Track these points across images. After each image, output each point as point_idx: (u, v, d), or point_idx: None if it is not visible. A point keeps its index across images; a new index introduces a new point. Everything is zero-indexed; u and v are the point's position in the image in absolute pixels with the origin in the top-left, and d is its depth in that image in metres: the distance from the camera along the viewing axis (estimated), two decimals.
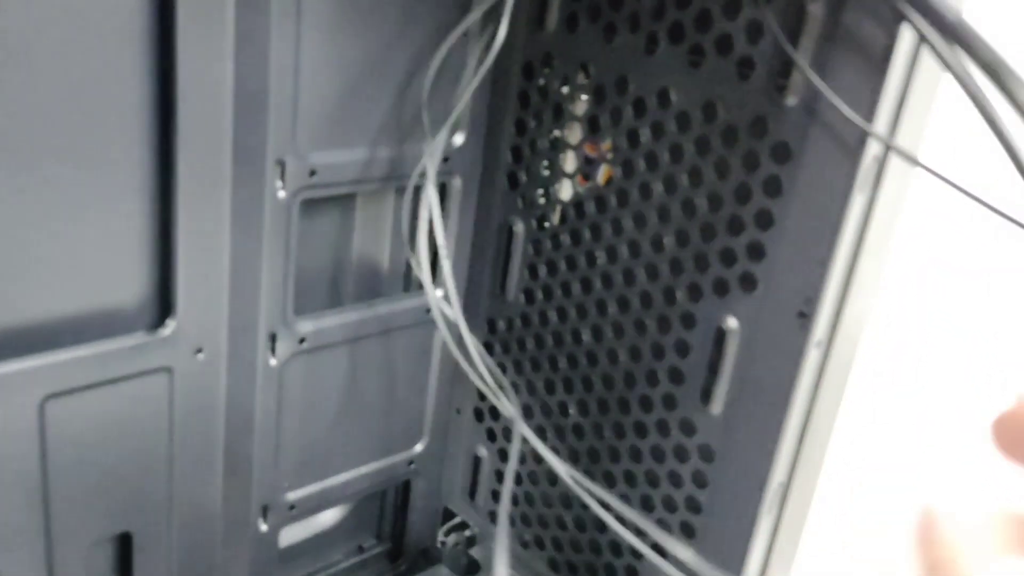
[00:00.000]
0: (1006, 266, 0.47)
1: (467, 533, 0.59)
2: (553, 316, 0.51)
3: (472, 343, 0.47)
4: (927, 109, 0.36)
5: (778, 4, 0.37)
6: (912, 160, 0.35)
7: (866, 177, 0.36)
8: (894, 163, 0.36)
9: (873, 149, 0.35)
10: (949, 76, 0.30)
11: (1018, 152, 0.29)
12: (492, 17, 0.45)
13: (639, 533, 0.42)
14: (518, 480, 0.56)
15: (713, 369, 0.43)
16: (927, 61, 0.34)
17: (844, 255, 0.37)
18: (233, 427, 0.48)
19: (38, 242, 0.39)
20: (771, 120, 0.39)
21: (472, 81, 0.46)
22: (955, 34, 0.25)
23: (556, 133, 0.49)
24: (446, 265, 0.49)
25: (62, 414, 0.41)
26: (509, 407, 0.46)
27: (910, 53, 0.34)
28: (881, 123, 0.34)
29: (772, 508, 0.42)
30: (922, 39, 0.31)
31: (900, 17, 0.31)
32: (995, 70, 0.24)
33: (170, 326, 0.43)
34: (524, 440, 0.42)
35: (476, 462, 0.58)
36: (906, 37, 0.33)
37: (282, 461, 0.51)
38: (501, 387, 0.47)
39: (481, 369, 0.47)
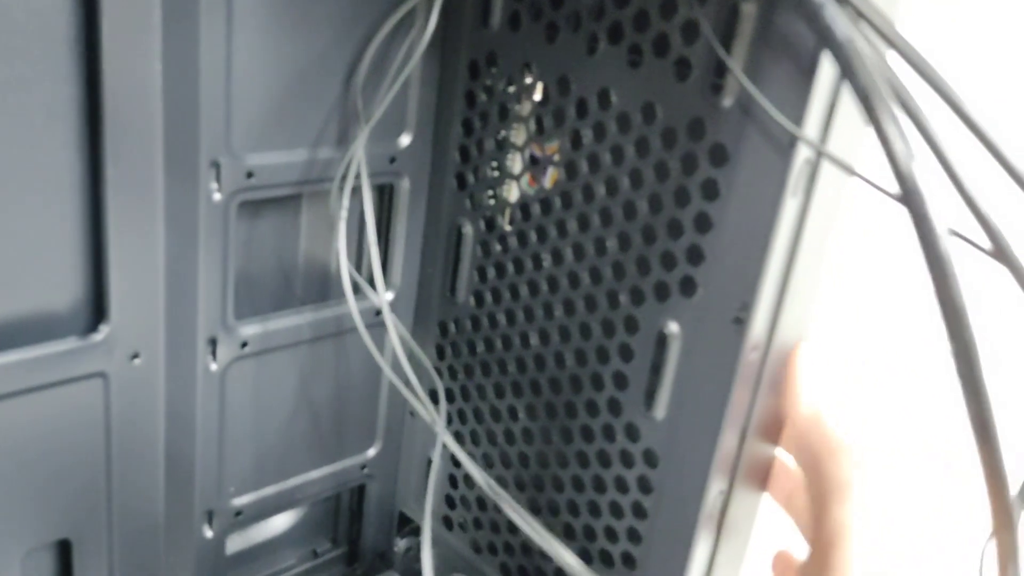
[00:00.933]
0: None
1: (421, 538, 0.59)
2: (502, 319, 0.51)
3: (399, 344, 0.47)
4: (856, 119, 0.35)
5: (712, 4, 0.36)
6: (844, 166, 0.34)
7: (798, 181, 0.35)
8: (828, 169, 0.35)
9: (804, 153, 0.34)
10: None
11: (952, 165, 0.28)
12: (425, 12, 0.45)
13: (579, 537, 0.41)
14: (469, 484, 0.55)
15: (656, 373, 0.42)
16: None
17: (778, 260, 0.36)
18: (174, 433, 0.47)
19: None
20: (708, 122, 0.38)
21: (403, 71, 0.46)
22: (839, 53, 0.25)
23: (503, 133, 0.49)
24: (376, 266, 0.48)
25: None
26: (431, 412, 0.45)
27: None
28: (811, 128, 0.34)
29: (713, 514, 0.41)
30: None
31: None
32: (867, 95, 0.23)
33: (103, 331, 0.43)
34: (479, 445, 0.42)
35: (430, 466, 0.58)
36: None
37: (227, 466, 0.50)
38: (433, 391, 0.46)
39: (407, 371, 0.47)
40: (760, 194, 0.36)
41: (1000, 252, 0.30)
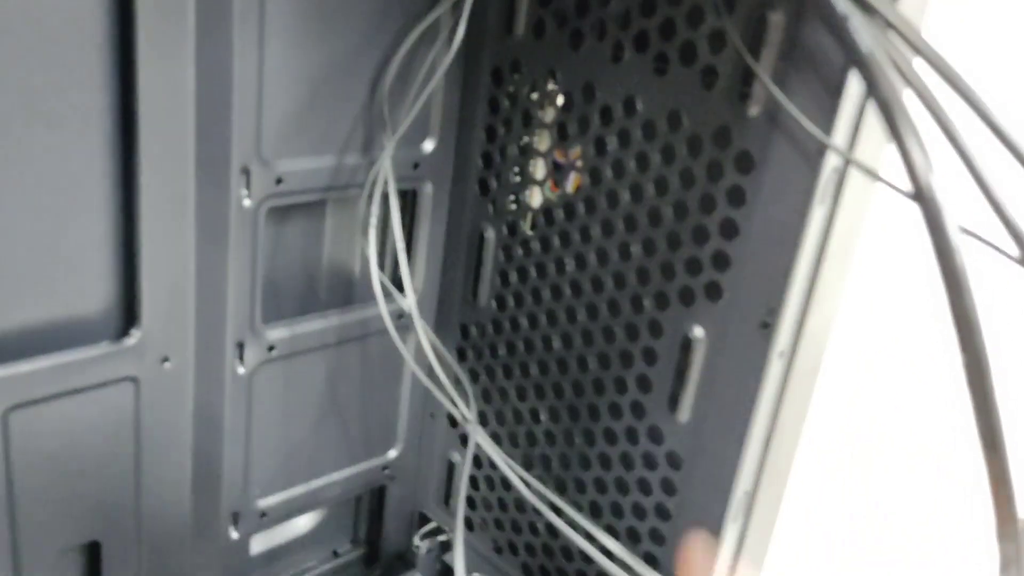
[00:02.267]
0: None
1: (441, 538, 0.59)
2: (524, 322, 0.51)
3: (429, 347, 0.48)
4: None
5: (740, 14, 0.37)
6: (872, 174, 0.35)
7: (826, 189, 0.35)
8: (855, 176, 0.36)
9: (832, 161, 0.35)
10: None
11: (980, 170, 0.29)
12: (453, 20, 0.45)
13: (590, 539, 0.42)
14: (490, 485, 0.56)
15: (680, 377, 0.43)
16: None
17: (805, 266, 0.37)
18: (202, 435, 0.48)
19: (6, 253, 0.38)
20: (734, 130, 0.38)
21: (430, 82, 0.46)
22: (862, 66, 0.25)
23: (526, 139, 0.49)
24: (405, 271, 0.49)
25: (27, 425, 0.41)
26: (465, 412, 0.46)
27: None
28: (840, 136, 0.34)
29: (738, 516, 0.42)
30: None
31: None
32: (889, 108, 0.24)
33: (135, 335, 0.43)
34: (500, 446, 0.42)
35: (450, 467, 0.58)
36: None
37: (253, 468, 0.51)
38: (464, 393, 0.47)
39: (439, 373, 0.47)
40: (787, 201, 0.37)
41: None
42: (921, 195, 0.24)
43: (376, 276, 0.47)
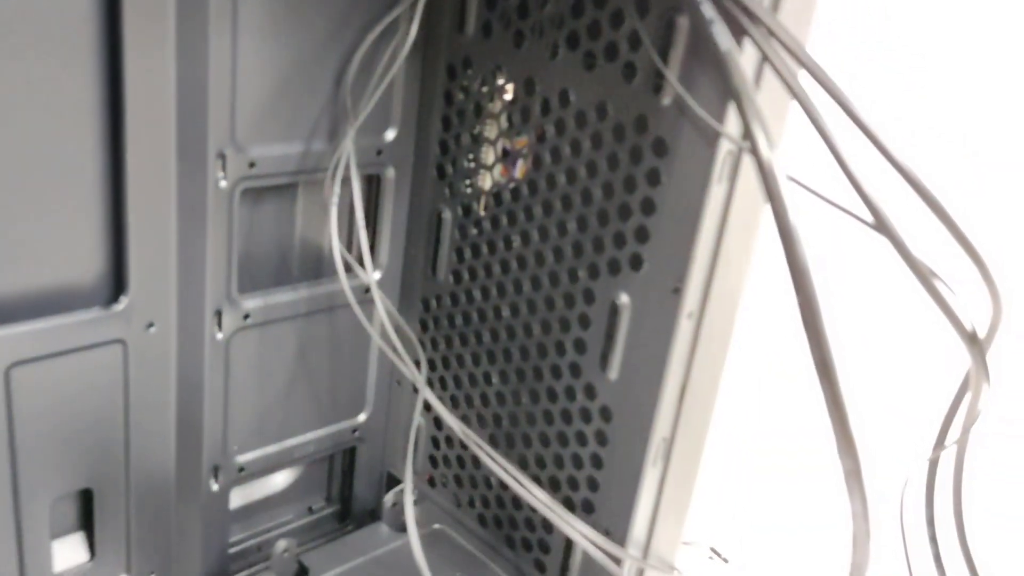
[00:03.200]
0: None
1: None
2: (477, 294, 0.56)
3: (387, 317, 0.53)
4: (779, 114, 0.41)
5: (653, 17, 0.42)
6: (755, 156, 0.40)
7: (723, 170, 0.41)
8: (750, 160, 0.41)
9: (727, 146, 0.40)
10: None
11: (845, 161, 0.34)
12: (408, 20, 0.51)
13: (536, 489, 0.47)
14: (450, 444, 0.61)
15: (610, 339, 0.48)
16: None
17: (708, 237, 0.42)
18: (184, 394, 0.53)
19: (5, 226, 0.44)
20: (650, 118, 0.44)
21: (388, 75, 0.51)
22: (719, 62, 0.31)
23: (478, 129, 0.54)
24: (365, 248, 0.54)
25: (27, 381, 0.46)
26: (413, 371, 0.51)
27: (756, 64, 0.39)
28: (732, 124, 0.40)
29: (657, 461, 0.47)
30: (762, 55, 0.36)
31: (739, 31, 0.37)
32: (738, 95, 0.29)
33: (123, 302, 0.48)
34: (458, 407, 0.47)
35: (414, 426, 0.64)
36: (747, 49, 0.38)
37: (231, 426, 0.56)
38: (417, 360, 0.52)
39: (395, 342, 0.52)
40: (692, 180, 0.42)
41: (881, 224, 0.35)
42: (763, 170, 0.29)
43: (338, 251, 0.52)
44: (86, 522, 0.53)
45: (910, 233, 0.36)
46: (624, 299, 0.47)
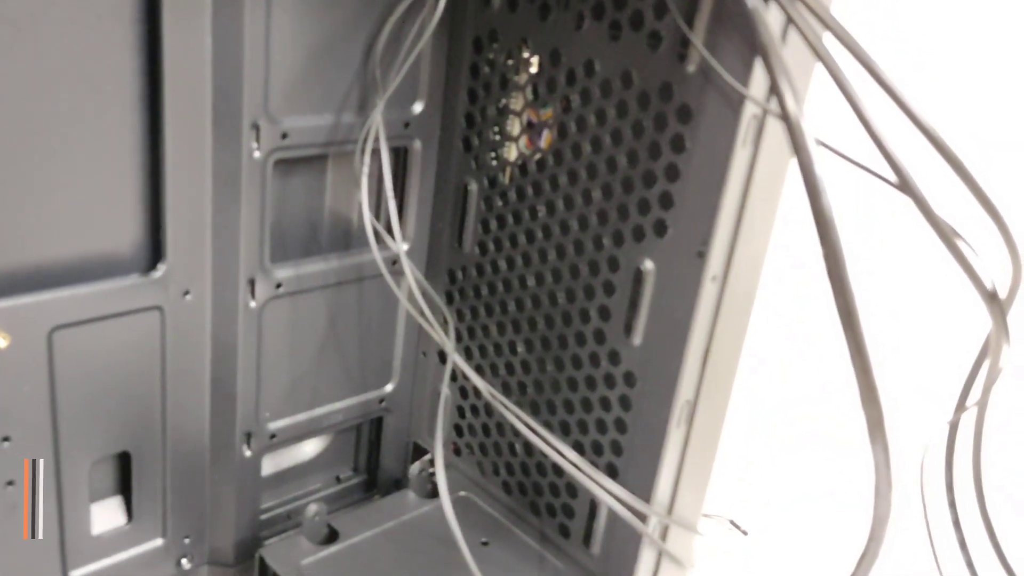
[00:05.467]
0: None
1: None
2: (503, 265, 0.58)
3: (416, 287, 0.54)
4: (803, 76, 0.42)
5: None
6: (782, 119, 0.41)
7: (747, 133, 0.42)
8: (775, 123, 0.42)
9: (751, 110, 0.41)
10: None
11: (869, 121, 0.35)
12: None
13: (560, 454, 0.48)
14: (475, 413, 0.62)
15: (633, 306, 0.49)
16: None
17: (732, 201, 0.43)
18: (218, 361, 0.54)
19: (49, 195, 0.45)
20: (675, 85, 0.45)
21: (416, 48, 0.52)
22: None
23: (503, 101, 0.55)
24: (394, 219, 0.55)
25: (67, 345, 0.48)
26: (442, 337, 0.52)
27: (781, 26, 0.40)
28: (757, 87, 0.40)
29: (681, 423, 0.48)
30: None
31: None
32: (765, 51, 0.30)
33: (161, 269, 0.50)
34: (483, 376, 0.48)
35: (440, 398, 0.65)
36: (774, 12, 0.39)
37: (263, 393, 0.57)
38: (445, 324, 0.53)
39: (426, 311, 0.54)
40: (717, 145, 0.43)
41: (905, 184, 0.36)
42: (789, 124, 0.30)
43: (369, 221, 0.54)
44: (124, 485, 0.55)
45: (933, 194, 0.37)
46: (648, 265, 0.48)
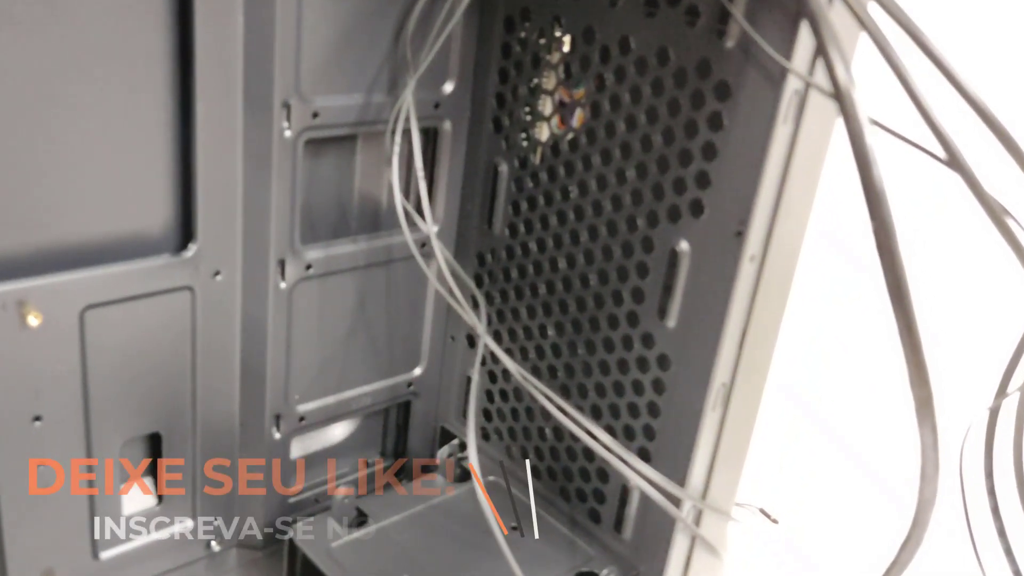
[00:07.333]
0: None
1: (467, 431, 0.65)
2: (533, 247, 0.57)
3: (447, 269, 0.53)
4: (849, 47, 0.41)
5: None
6: (827, 93, 0.40)
7: (788, 111, 0.41)
8: (815, 100, 0.41)
9: (793, 84, 0.40)
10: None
11: (918, 95, 0.34)
12: None
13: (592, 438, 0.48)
14: (504, 397, 0.62)
15: (668, 287, 0.49)
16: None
17: (772, 180, 0.42)
18: (248, 342, 0.54)
19: (81, 174, 0.45)
20: (713, 62, 0.44)
21: (445, 28, 0.52)
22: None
23: (535, 80, 0.55)
24: (425, 200, 0.55)
25: (99, 324, 0.48)
26: (473, 319, 0.52)
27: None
28: (799, 61, 0.40)
29: (716, 406, 0.47)
30: None
31: None
32: (815, 20, 0.29)
33: (192, 249, 0.50)
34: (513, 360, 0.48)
35: (469, 385, 0.65)
36: None
37: (292, 375, 0.57)
38: (475, 307, 0.53)
39: (457, 294, 0.53)
40: (757, 123, 0.42)
41: (954, 160, 0.35)
42: (839, 92, 0.29)
43: (400, 203, 0.53)
44: (153, 466, 0.55)
45: (982, 170, 0.36)
46: (684, 246, 0.47)
